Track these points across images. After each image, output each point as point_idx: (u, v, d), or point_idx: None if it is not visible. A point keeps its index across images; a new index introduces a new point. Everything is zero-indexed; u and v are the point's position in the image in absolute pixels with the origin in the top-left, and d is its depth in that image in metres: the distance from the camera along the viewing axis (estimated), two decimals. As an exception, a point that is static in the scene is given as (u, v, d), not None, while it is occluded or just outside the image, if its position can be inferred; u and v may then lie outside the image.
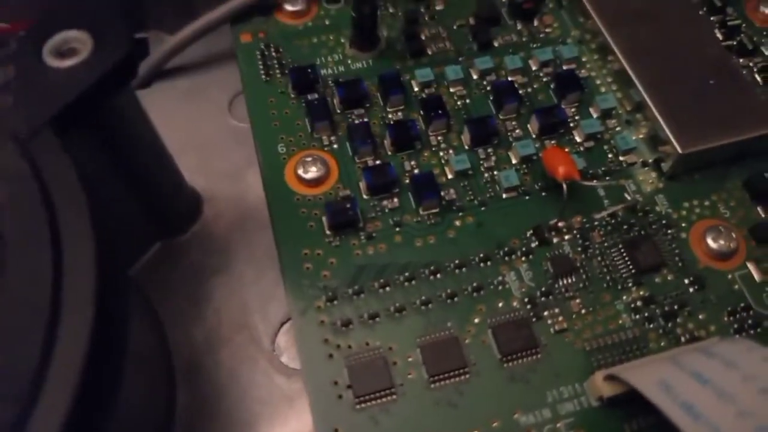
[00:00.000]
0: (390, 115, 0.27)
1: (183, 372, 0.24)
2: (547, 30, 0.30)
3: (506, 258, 0.24)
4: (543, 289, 0.23)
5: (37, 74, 0.19)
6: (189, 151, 0.28)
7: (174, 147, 0.26)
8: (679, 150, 0.25)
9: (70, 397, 0.15)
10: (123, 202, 0.24)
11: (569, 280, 0.23)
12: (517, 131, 0.27)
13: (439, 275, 0.23)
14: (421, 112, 0.27)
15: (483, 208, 0.25)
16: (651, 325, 0.23)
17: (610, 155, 0.26)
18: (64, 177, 0.17)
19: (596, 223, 0.25)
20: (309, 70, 0.27)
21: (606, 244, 0.24)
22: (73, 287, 0.16)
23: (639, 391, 0.18)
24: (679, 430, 0.17)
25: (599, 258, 0.24)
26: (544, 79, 0.28)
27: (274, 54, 0.28)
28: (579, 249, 0.24)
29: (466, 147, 0.26)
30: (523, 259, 0.24)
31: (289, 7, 0.29)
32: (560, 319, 0.23)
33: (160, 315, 0.24)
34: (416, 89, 0.28)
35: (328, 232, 0.24)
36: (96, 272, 0.16)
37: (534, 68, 0.28)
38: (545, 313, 0.23)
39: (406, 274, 0.23)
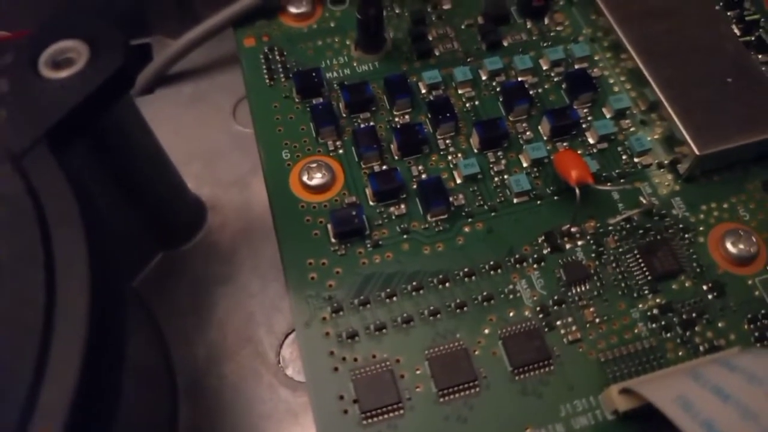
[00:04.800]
0: (396, 119, 0.26)
1: (186, 387, 0.24)
2: (558, 28, 0.29)
3: (517, 265, 0.23)
4: (555, 297, 0.22)
5: (32, 86, 0.18)
6: (193, 159, 0.28)
7: (178, 154, 0.25)
8: (697, 151, 0.24)
9: (63, 419, 0.14)
10: (123, 213, 0.24)
11: (583, 288, 0.23)
12: (528, 133, 0.26)
13: (447, 284, 0.23)
14: (429, 115, 0.26)
15: (493, 214, 0.24)
16: (668, 335, 0.22)
17: (624, 157, 0.25)
18: (58, 195, 0.16)
19: (610, 228, 0.24)
20: (313, 74, 0.26)
21: (621, 250, 0.23)
22: (66, 310, 0.15)
23: (656, 407, 0.18)
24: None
25: (614, 264, 0.23)
26: (556, 79, 0.27)
27: (278, 58, 0.28)
28: (593, 255, 0.23)
29: (475, 150, 0.25)
30: (535, 266, 0.23)
31: (293, 10, 0.29)
32: (574, 328, 0.22)
33: (163, 327, 0.24)
34: (423, 91, 0.27)
35: (333, 241, 0.23)
36: (89, 295, 0.15)
37: (545, 68, 0.28)
38: (558, 323, 0.22)
39: (414, 283, 0.23)
